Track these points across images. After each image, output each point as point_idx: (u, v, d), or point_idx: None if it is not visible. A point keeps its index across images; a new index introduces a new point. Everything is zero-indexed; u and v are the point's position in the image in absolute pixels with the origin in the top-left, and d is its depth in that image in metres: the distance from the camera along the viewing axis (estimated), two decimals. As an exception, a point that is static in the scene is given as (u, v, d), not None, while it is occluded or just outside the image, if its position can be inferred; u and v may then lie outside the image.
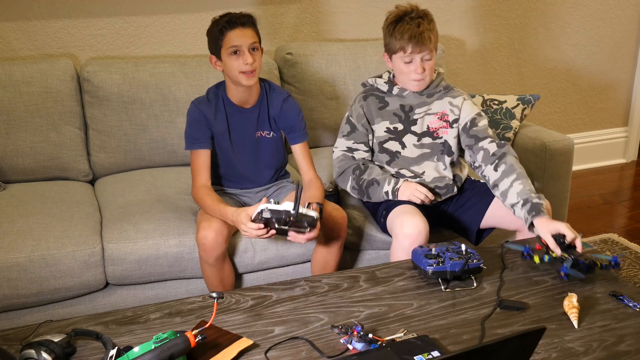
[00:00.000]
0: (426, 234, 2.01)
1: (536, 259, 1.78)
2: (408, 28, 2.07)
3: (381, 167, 2.25)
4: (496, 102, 2.80)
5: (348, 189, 2.23)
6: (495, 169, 2.08)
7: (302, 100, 2.79)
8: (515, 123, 2.76)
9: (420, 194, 2.08)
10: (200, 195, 2.10)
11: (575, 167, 3.10)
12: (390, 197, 2.13)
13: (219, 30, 2.07)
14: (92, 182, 2.63)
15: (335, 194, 2.36)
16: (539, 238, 1.89)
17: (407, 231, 2.00)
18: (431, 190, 2.17)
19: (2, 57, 2.64)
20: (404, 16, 2.10)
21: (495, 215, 2.17)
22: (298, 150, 2.23)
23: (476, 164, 2.18)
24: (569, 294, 1.64)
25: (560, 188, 2.70)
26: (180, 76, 2.61)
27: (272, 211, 1.82)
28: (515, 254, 1.92)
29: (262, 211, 1.83)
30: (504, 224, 2.18)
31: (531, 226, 1.92)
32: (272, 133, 2.22)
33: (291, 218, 1.81)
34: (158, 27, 2.83)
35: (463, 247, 1.77)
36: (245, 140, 2.20)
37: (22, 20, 2.63)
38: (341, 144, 2.26)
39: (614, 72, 3.95)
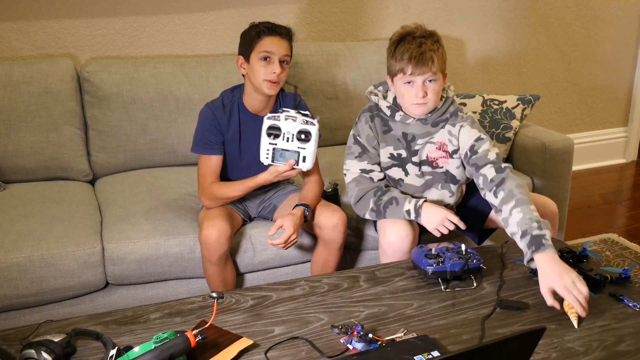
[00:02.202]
0: (410, 241, 1.98)
1: None
2: (409, 48, 1.91)
3: None
4: (496, 102, 2.80)
5: (367, 213, 2.04)
6: (495, 196, 1.89)
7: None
8: (515, 123, 2.76)
9: (450, 225, 1.90)
10: (213, 190, 2.08)
11: (575, 167, 3.09)
12: (413, 217, 1.96)
13: (256, 33, 2.05)
14: (92, 182, 2.63)
15: (335, 195, 2.36)
16: None
17: (389, 239, 1.98)
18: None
19: (2, 57, 2.64)
20: (406, 36, 1.95)
21: (497, 218, 2.15)
22: None
23: (480, 187, 2.01)
24: None
25: (560, 188, 2.70)
26: (180, 76, 2.61)
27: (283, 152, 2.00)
28: (515, 253, 1.92)
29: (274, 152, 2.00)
30: None
31: (531, 261, 1.72)
32: None
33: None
34: (158, 27, 2.83)
35: (463, 247, 1.77)
36: (253, 147, 2.18)
37: (22, 20, 2.63)
38: (353, 166, 2.07)
39: (614, 72, 3.95)
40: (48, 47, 2.70)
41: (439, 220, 1.92)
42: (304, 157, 1.99)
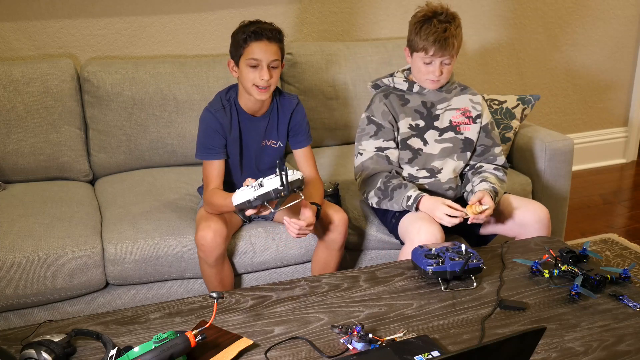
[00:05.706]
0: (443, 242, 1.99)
1: (546, 273, 1.78)
2: (434, 31, 2.05)
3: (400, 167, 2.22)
4: (496, 102, 2.80)
5: (372, 192, 2.13)
6: (490, 170, 2.21)
7: (302, 100, 2.77)
8: (515, 123, 2.76)
9: (448, 209, 1.97)
10: (210, 196, 2.06)
11: (575, 167, 3.09)
12: (412, 202, 2.04)
13: (243, 39, 2.01)
14: (92, 182, 2.63)
15: (336, 194, 2.36)
16: (547, 249, 1.87)
17: (424, 238, 1.96)
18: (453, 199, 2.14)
19: (2, 57, 2.64)
20: (432, 17, 2.08)
21: (494, 222, 2.17)
22: (301, 153, 2.22)
23: (474, 161, 2.24)
24: None
25: (560, 188, 2.70)
26: (180, 76, 2.61)
27: (259, 197, 1.79)
28: (515, 253, 1.92)
29: (249, 201, 1.82)
30: (502, 230, 2.17)
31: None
32: (278, 143, 2.20)
33: (282, 194, 1.76)
34: (158, 27, 2.83)
35: (463, 247, 1.77)
36: (251, 148, 2.18)
37: (22, 20, 2.63)
38: (369, 145, 2.16)
39: (614, 72, 3.95)
40: (48, 47, 2.70)
41: (438, 206, 2.00)
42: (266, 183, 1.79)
